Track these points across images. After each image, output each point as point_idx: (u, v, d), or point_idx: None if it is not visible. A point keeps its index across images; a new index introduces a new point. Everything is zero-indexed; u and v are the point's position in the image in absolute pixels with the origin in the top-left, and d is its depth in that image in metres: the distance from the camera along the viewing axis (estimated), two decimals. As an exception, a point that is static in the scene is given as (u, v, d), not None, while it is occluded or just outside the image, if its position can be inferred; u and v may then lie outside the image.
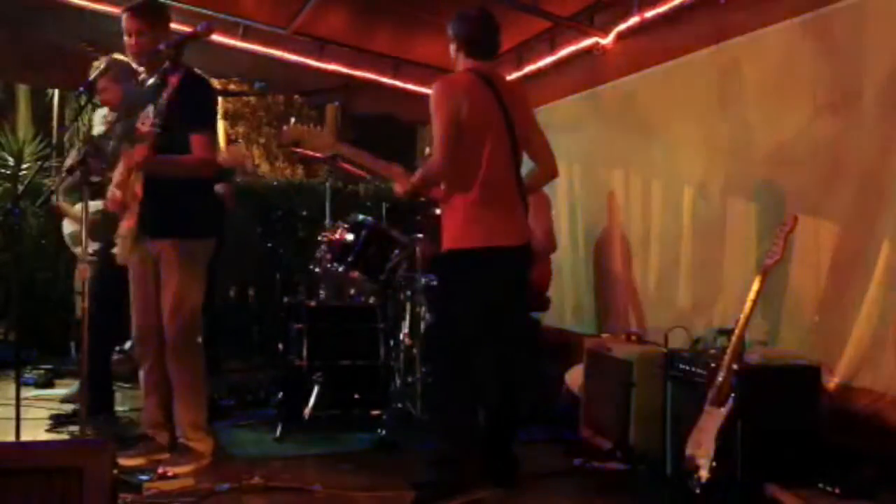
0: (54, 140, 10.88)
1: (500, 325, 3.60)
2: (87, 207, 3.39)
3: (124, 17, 3.90)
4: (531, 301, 5.35)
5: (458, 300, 3.56)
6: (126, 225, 3.86)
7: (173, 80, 3.80)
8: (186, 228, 3.89)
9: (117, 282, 4.19)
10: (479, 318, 3.54)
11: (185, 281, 3.85)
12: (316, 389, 4.58)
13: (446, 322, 3.68)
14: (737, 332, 3.27)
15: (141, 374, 4.07)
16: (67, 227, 5.45)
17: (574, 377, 4.79)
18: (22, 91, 12.54)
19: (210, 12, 5.79)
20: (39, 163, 8.56)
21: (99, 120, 5.14)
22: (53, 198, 5.34)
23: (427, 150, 3.85)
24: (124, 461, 3.80)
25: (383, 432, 4.41)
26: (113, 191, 3.92)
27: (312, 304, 4.89)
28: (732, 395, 3.20)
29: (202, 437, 3.93)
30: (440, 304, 3.85)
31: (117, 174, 3.96)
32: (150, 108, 3.84)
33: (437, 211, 4.71)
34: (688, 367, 3.59)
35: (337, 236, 4.77)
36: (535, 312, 5.46)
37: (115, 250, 3.99)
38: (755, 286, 3.27)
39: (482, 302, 3.53)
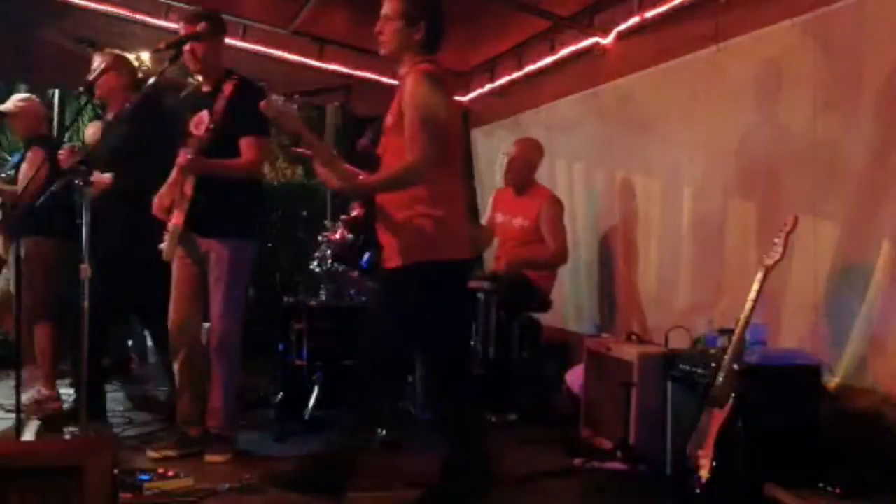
0: (54, 140, 10.85)
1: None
2: (87, 208, 3.39)
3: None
4: (535, 303, 5.37)
5: (453, 315, 3.32)
6: (173, 222, 3.91)
7: (227, 86, 3.97)
8: (238, 229, 4.00)
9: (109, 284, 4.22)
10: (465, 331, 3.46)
11: (235, 280, 3.98)
12: (316, 389, 4.58)
13: (444, 336, 3.30)
14: (737, 332, 3.27)
15: (175, 367, 4.14)
16: None
17: (574, 377, 4.80)
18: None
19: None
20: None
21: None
22: None
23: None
24: (156, 454, 3.95)
25: (383, 432, 4.41)
26: (160, 195, 4.01)
27: (312, 304, 4.89)
28: (732, 395, 3.20)
29: (235, 429, 4.11)
30: (433, 320, 3.23)
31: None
32: (205, 114, 3.96)
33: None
34: (688, 367, 3.59)
35: (337, 236, 4.78)
36: (536, 313, 5.47)
37: (161, 246, 4.01)
38: (755, 286, 3.27)
39: (468, 315, 3.43)
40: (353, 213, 3.12)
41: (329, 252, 4.79)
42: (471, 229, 3.46)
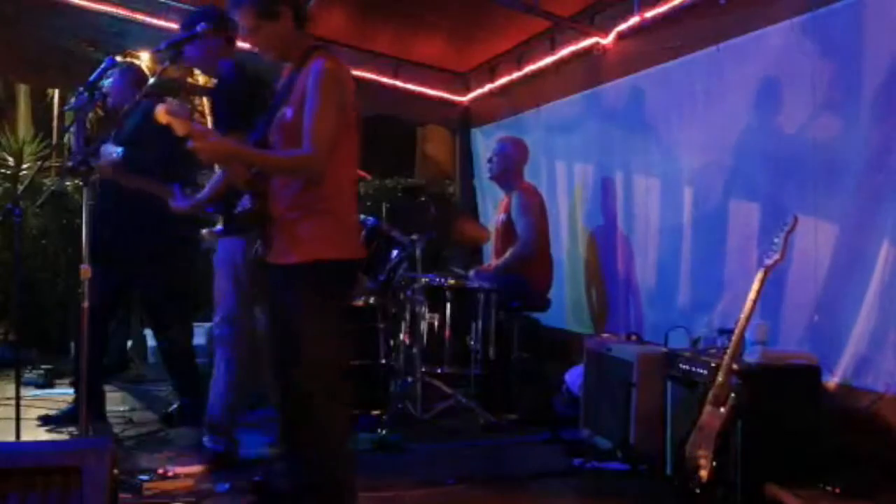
0: (54, 140, 10.88)
1: None
2: (86, 208, 3.38)
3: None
4: (528, 302, 5.37)
5: (337, 320, 3.06)
6: None
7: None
8: (225, 225, 3.90)
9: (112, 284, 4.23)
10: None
11: (219, 276, 3.92)
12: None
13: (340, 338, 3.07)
14: (737, 332, 3.27)
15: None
16: None
17: (574, 377, 4.80)
18: (22, 91, 12.53)
19: (210, 12, 5.79)
20: (39, 163, 8.59)
21: None
22: None
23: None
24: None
25: (383, 432, 4.41)
26: None
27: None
28: (732, 395, 3.20)
29: (217, 438, 3.93)
30: (324, 325, 2.99)
31: None
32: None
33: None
34: (688, 367, 3.59)
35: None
36: (535, 313, 5.47)
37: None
38: (755, 286, 3.27)
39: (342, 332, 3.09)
40: (248, 208, 2.96)
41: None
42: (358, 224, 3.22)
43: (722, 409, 3.21)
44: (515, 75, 6.39)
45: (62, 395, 5.44)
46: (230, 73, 3.94)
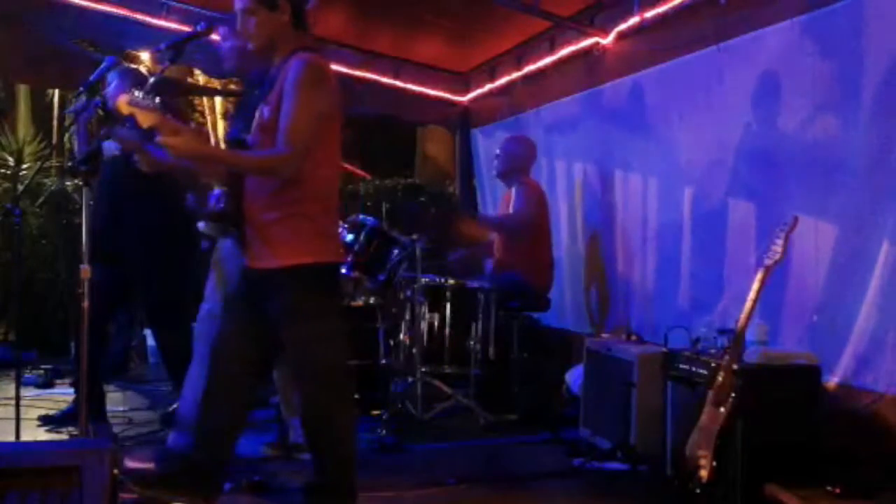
0: (54, 140, 10.88)
1: None
2: (86, 207, 3.38)
3: None
4: (532, 302, 5.37)
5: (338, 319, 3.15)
6: None
7: None
8: None
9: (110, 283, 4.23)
10: None
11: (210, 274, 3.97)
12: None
13: (341, 341, 3.13)
14: (737, 332, 3.27)
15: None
16: None
17: (574, 377, 4.80)
18: (22, 91, 12.52)
19: (210, 12, 5.79)
20: (39, 163, 8.58)
21: None
22: None
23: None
24: None
25: (383, 432, 4.41)
26: None
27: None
28: (732, 395, 3.20)
29: None
30: (331, 325, 3.07)
31: None
32: None
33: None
34: (688, 367, 3.59)
35: (336, 237, 4.77)
36: (535, 312, 5.48)
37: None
38: (755, 286, 3.27)
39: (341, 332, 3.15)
40: (221, 207, 2.90)
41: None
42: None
43: (722, 409, 3.21)
44: (515, 75, 6.38)
45: (62, 395, 5.45)
46: None
